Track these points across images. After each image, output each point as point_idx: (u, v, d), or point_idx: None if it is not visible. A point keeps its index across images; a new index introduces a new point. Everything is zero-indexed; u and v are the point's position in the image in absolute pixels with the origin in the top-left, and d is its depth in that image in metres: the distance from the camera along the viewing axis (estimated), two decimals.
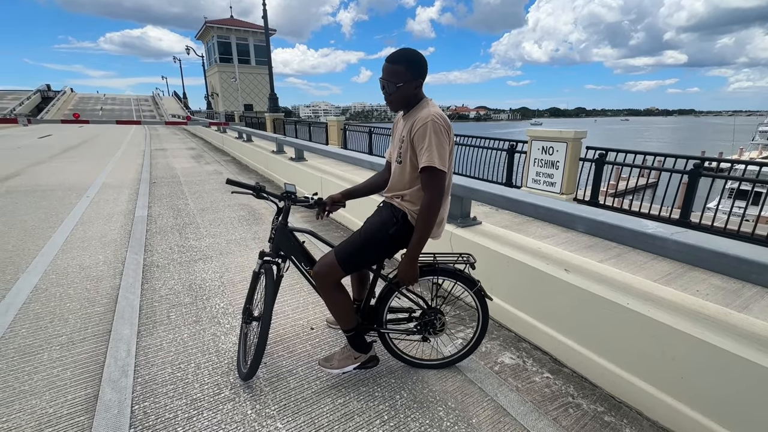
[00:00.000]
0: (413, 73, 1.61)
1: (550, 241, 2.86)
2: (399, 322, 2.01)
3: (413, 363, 2.08)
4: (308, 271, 1.89)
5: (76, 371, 2.01)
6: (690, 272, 2.96)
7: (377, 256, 1.80)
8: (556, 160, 5.02)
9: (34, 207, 5.20)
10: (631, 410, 1.83)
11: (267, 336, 1.81)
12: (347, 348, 1.94)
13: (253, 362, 1.83)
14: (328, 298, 1.80)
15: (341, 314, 1.84)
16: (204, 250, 3.73)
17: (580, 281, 2.04)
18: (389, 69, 1.61)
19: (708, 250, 1.52)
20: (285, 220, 1.88)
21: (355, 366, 1.93)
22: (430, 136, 1.53)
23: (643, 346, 1.77)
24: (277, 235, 1.88)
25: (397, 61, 1.60)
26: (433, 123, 1.54)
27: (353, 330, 1.88)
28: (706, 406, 1.59)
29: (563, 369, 2.12)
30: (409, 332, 2.00)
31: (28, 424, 1.66)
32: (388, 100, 1.67)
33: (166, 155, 11.28)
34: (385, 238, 1.73)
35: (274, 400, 1.84)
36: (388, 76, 1.61)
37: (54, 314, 2.55)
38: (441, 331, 1.99)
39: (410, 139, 1.61)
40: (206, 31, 34.58)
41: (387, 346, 2.04)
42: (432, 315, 1.95)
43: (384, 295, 1.90)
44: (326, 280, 1.76)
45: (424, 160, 1.55)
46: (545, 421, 1.76)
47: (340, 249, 1.76)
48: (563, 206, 2.18)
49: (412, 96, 1.66)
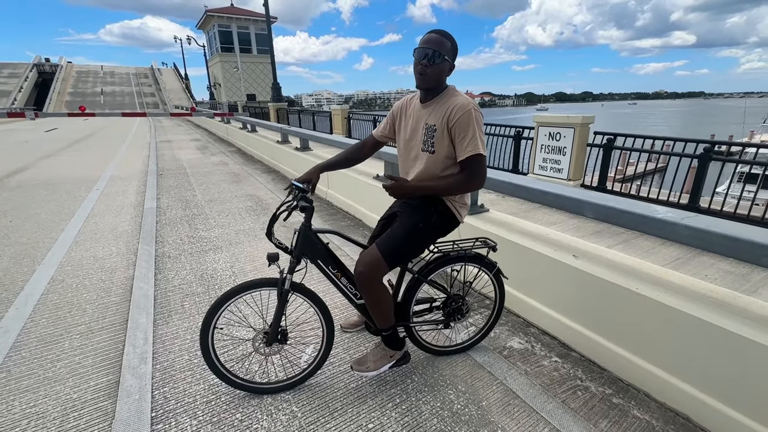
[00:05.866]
0: (454, 55, 1.63)
1: (558, 228, 2.85)
2: (423, 313, 2.01)
3: (438, 351, 2.10)
4: (336, 275, 1.78)
5: (96, 359, 2.07)
6: (698, 257, 2.95)
7: (420, 248, 1.77)
8: (564, 146, 4.98)
9: (45, 200, 5.28)
10: (639, 392, 1.86)
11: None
12: (381, 347, 1.88)
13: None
14: (373, 297, 1.71)
15: (384, 313, 1.77)
16: (214, 241, 3.78)
17: (588, 267, 2.06)
18: (437, 39, 1.57)
19: (719, 235, 1.52)
20: (308, 223, 1.70)
21: (390, 365, 1.86)
22: (473, 125, 1.55)
23: (653, 330, 1.79)
24: (300, 240, 1.68)
25: (444, 35, 1.59)
26: (475, 111, 1.56)
27: (392, 328, 1.83)
28: (714, 388, 1.61)
29: (571, 353, 2.15)
30: (436, 322, 2.00)
31: (54, 409, 1.73)
32: (424, 72, 1.58)
33: (171, 147, 11.32)
34: (428, 228, 1.73)
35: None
36: (436, 46, 1.56)
37: (72, 304, 2.62)
38: (466, 316, 2.03)
39: (447, 127, 1.59)
40: (207, 20, 34.24)
41: (413, 338, 2.01)
42: (457, 302, 1.98)
43: (411, 288, 1.89)
44: (372, 279, 1.66)
45: (470, 148, 1.56)
46: (554, 403, 1.79)
47: (383, 244, 1.67)
48: (572, 192, 2.19)
49: (443, 78, 1.64)
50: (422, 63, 1.58)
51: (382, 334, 1.85)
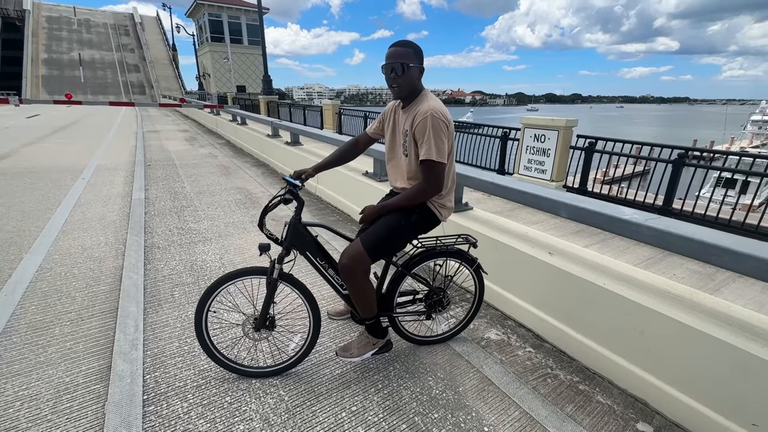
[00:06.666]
0: (418, 59, 1.70)
1: (539, 227, 2.99)
2: (406, 304, 2.12)
3: (420, 341, 2.21)
4: (324, 266, 1.88)
5: (88, 344, 2.13)
6: (669, 257, 3.12)
7: (401, 244, 1.89)
8: (548, 148, 5.13)
9: (29, 188, 5.22)
10: (603, 380, 2.01)
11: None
12: (364, 335, 1.99)
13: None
14: (356, 288, 1.80)
15: (367, 303, 1.86)
16: (203, 233, 3.82)
17: (562, 263, 2.19)
18: (398, 51, 1.67)
19: (676, 235, 1.66)
20: (299, 216, 1.79)
21: (373, 352, 1.98)
22: (428, 130, 1.63)
23: (617, 323, 1.94)
24: (290, 233, 1.77)
25: (405, 45, 1.69)
26: (432, 117, 1.63)
27: (375, 317, 1.93)
28: (669, 375, 1.77)
29: (544, 344, 2.29)
30: (418, 313, 2.11)
31: (47, 392, 1.79)
32: (396, 83, 1.69)
33: (159, 137, 11.18)
34: (409, 226, 1.84)
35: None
36: (398, 58, 1.66)
37: (61, 292, 2.65)
38: (446, 309, 2.14)
39: (412, 133, 1.71)
40: (197, 8, 33.53)
41: (396, 328, 2.12)
42: (438, 294, 2.09)
43: (395, 280, 1.99)
44: (355, 271, 1.75)
45: (423, 153, 1.66)
46: (525, 389, 1.93)
47: (366, 238, 1.76)
48: (548, 193, 2.31)
49: (416, 83, 1.73)
50: (391, 77, 1.69)
51: (365, 323, 1.95)
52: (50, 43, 35.56)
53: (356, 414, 1.74)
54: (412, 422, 1.71)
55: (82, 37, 38.22)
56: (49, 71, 32.99)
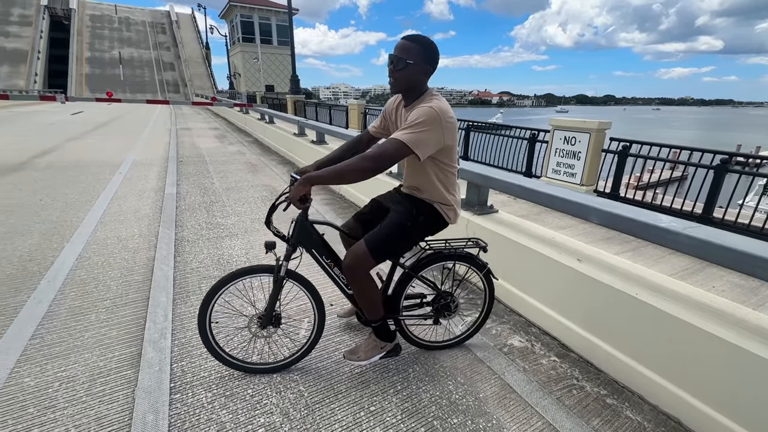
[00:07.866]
0: (425, 57, 1.62)
1: (567, 232, 2.90)
2: (413, 308, 2.08)
3: (426, 346, 2.17)
4: (329, 264, 1.87)
5: (121, 331, 2.23)
6: (708, 268, 2.96)
7: (407, 245, 1.85)
8: (578, 151, 4.97)
9: (72, 181, 5.53)
10: (633, 395, 1.92)
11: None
12: (372, 338, 1.96)
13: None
14: (360, 289, 1.78)
15: (371, 305, 1.84)
16: (230, 228, 3.93)
17: (591, 271, 2.11)
18: (403, 45, 1.60)
19: (717, 245, 1.56)
20: (305, 213, 1.77)
21: (381, 356, 1.95)
22: (418, 118, 1.52)
23: (650, 335, 1.84)
24: (297, 230, 1.77)
25: (412, 40, 1.61)
26: (429, 109, 1.53)
27: (381, 320, 1.91)
28: (707, 395, 1.66)
29: (570, 354, 2.21)
30: (425, 317, 2.07)
31: (83, 374, 1.88)
32: (393, 77, 1.64)
33: (191, 135, 11.60)
34: (415, 228, 1.80)
35: (296, 367, 2.00)
36: (400, 52, 1.60)
37: (98, 281, 2.79)
38: (454, 314, 2.10)
39: None
40: (230, 9, 34.62)
41: (403, 332, 2.09)
42: (446, 299, 2.05)
43: (401, 282, 1.96)
44: (358, 271, 1.73)
45: (398, 133, 1.54)
46: (549, 399, 1.87)
47: (371, 239, 1.73)
48: (578, 197, 2.23)
49: (418, 82, 1.65)
50: (390, 69, 1.65)
51: (372, 326, 1.93)
52: (93, 42, 37.21)
53: (375, 414, 1.74)
54: (431, 426, 1.69)
55: (123, 36, 39.84)
56: (92, 70, 34.78)
